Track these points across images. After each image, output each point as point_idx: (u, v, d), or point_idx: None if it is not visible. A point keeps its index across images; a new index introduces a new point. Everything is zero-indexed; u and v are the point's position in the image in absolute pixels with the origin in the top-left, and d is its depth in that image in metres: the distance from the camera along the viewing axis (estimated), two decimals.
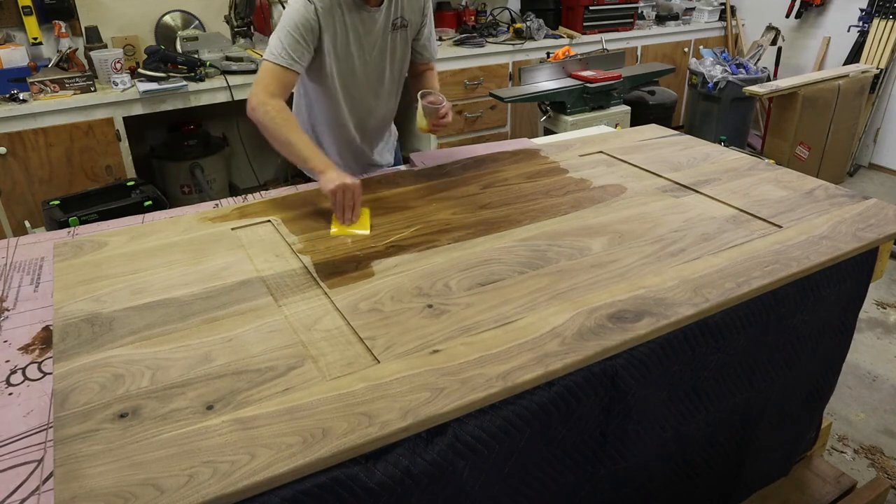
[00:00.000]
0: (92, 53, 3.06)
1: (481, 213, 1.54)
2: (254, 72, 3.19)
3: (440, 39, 4.06)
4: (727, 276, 1.25)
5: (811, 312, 1.39)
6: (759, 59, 4.57)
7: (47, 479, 0.86)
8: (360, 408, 0.92)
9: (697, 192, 1.65)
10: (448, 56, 3.83)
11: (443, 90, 4.26)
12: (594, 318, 1.12)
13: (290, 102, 1.68)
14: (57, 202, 1.94)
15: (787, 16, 4.73)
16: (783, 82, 3.66)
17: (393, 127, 2.04)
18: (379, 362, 1.02)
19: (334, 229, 1.45)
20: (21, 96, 2.80)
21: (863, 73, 3.93)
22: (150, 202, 1.99)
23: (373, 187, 1.71)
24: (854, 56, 4.38)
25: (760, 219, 1.50)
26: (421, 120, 1.74)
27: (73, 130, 2.87)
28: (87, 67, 3.09)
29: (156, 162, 3.52)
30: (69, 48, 3.04)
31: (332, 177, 1.47)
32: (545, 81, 3.37)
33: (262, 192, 1.73)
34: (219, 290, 1.23)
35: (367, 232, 1.45)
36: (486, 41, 4.01)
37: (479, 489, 1.01)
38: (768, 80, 4.19)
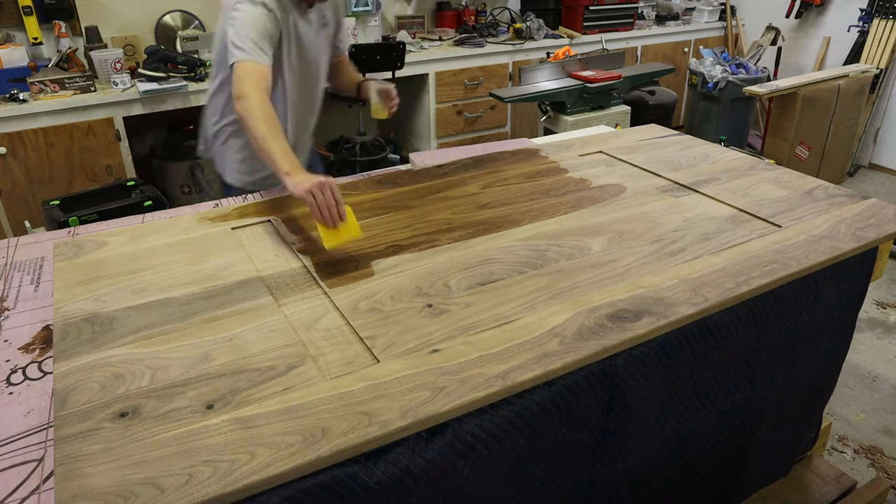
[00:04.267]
0: (92, 53, 3.06)
1: (481, 213, 1.54)
2: None
3: (440, 39, 4.07)
4: (727, 276, 1.25)
5: (811, 312, 1.39)
6: (759, 59, 4.57)
7: (48, 478, 0.86)
8: (360, 407, 0.92)
9: (697, 191, 1.65)
10: (448, 56, 3.83)
11: (443, 90, 4.29)
12: (594, 318, 1.12)
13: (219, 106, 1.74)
14: (57, 202, 1.94)
15: (787, 16, 4.73)
16: (783, 82, 3.66)
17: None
18: (379, 362, 1.02)
19: (328, 243, 1.31)
20: (21, 96, 2.80)
21: (863, 73, 3.93)
22: (150, 202, 1.98)
23: (373, 187, 1.71)
24: (854, 56, 4.38)
25: (760, 218, 1.50)
26: (377, 104, 1.81)
27: (73, 130, 2.87)
28: (87, 67, 3.09)
29: (156, 162, 3.52)
30: (69, 48, 3.04)
31: (303, 178, 1.33)
32: (545, 81, 3.37)
33: (262, 192, 1.73)
34: (219, 289, 1.23)
35: (361, 234, 1.35)
36: (486, 41, 4.02)
37: (479, 488, 1.01)
38: (768, 80, 4.20)
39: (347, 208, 1.34)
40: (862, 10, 4.35)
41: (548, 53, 3.87)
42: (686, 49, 4.87)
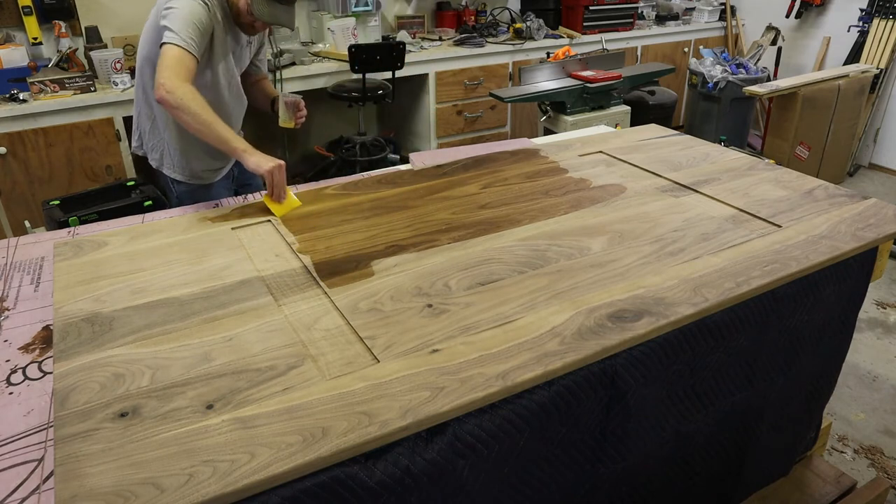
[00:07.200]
0: (92, 53, 3.06)
1: (481, 213, 1.54)
2: None
3: (440, 39, 4.07)
4: (727, 276, 1.25)
5: (811, 312, 1.39)
6: (759, 59, 4.58)
7: (48, 478, 0.86)
8: (360, 407, 0.92)
9: (697, 191, 1.65)
10: (448, 56, 3.83)
11: (443, 90, 4.28)
12: (594, 318, 1.12)
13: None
14: (57, 202, 1.93)
15: (787, 16, 4.73)
16: (783, 82, 3.66)
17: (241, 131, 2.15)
18: (379, 361, 1.02)
19: (278, 212, 1.56)
20: (21, 96, 2.80)
21: (863, 73, 3.93)
22: (150, 202, 1.98)
23: (373, 187, 1.71)
24: (854, 56, 4.38)
25: (760, 218, 1.50)
26: (284, 115, 1.95)
27: (73, 130, 2.87)
28: (87, 67, 3.09)
29: None
30: (69, 48, 3.04)
31: (262, 159, 1.56)
32: (545, 81, 3.37)
33: (262, 192, 1.73)
34: (219, 289, 1.23)
35: (300, 203, 1.60)
36: (486, 41, 4.02)
37: (479, 488, 1.01)
38: (768, 80, 4.20)
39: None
40: (862, 10, 4.35)
41: (548, 53, 3.87)
42: (686, 49, 4.87)
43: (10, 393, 1.02)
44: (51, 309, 1.22)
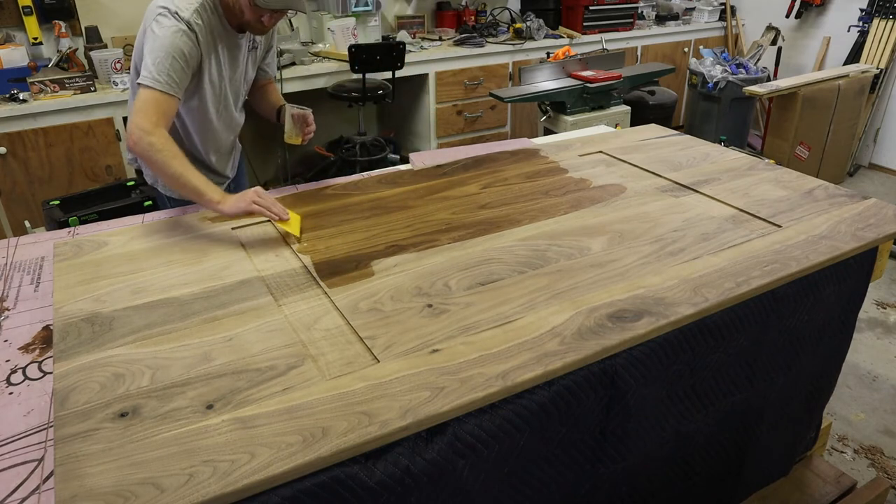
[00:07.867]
0: (92, 53, 3.06)
1: (481, 213, 1.54)
2: None
3: (440, 39, 4.07)
4: (727, 276, 1.25)
5: (811, 312, 1.39)
6: (759, 59, 4.57)
7: (48, 478, 0.86)
8: (360, 407, 0.92)
9: (697, 191, 1.65)
10: (448, 56, 3.83)
11: (443, 90, 4.27)
12: (594, 318, 1.12)
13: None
14: (57, 202, 1.94)
15: (787, 16, 4.73)
16: (783, 82, 3.66)
17: (238, 143, 2.03)
18: (379, 361, 1.02)
19: (295, 231, 1.44)
20: (21, 96, 2.80)
21: (863, 73, 3.93)
22: (150, 202, 1.98)
23: (373, 187, 1.71)
24: (854, 56, 4.38)
25: (760, 218, 1.50)
26: (291, 130, 1.81)
27: (73, 130, 2.87)
28: (87, 67, 3.09)
29: None
30: (69, 48, 3.04)
31: (233, 200, 1.44)
32: (545, 81, 3.37)
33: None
34: (219, 289, 1.23)
35: (299, 216, 1.51)
36: (486, 41, 4.02)
37: (479, 488, 1.01)
38: (768, 80, 4.20)
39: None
40: (862, 10, 4.35)
41: (548, 53, 3.87)
42: (686, 49, 4.87)
43: (10, 393, 1.02)
44: (51, 309, 1.22)
